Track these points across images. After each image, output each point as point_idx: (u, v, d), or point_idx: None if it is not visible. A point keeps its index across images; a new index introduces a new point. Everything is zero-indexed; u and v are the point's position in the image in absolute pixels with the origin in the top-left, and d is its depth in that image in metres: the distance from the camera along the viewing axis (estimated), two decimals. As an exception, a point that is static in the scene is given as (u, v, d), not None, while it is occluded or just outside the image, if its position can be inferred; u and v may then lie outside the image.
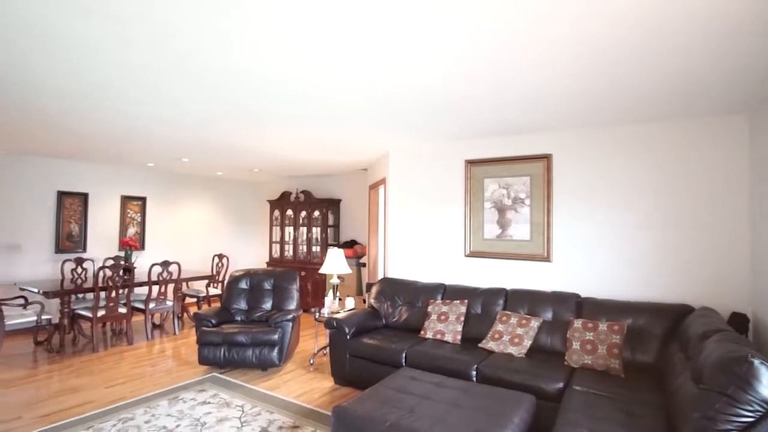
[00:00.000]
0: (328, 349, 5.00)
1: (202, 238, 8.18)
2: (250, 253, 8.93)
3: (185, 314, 6.65)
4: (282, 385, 4.05)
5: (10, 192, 5.79)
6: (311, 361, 4.65)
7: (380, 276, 5.74)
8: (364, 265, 6.57)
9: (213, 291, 6.76)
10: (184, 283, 6.47)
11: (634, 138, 3.68)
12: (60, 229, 6.25)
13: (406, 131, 4.03)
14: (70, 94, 3.00)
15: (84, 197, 6.52)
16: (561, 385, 2.95)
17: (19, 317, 4.86)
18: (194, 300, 6.98)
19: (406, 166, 4.88)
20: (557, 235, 3.98)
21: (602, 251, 3.80)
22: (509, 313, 3.75)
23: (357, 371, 3.89)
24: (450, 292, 4.22)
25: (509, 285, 4.22)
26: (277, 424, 3.24)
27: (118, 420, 3.28)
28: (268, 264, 8.04)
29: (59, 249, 6.25)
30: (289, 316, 4.45)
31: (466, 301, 4.01)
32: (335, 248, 4.94)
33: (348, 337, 3.97)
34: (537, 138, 4.08)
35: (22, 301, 5.29)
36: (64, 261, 6.02)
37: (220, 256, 7.00)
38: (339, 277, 5.02)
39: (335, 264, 4.81)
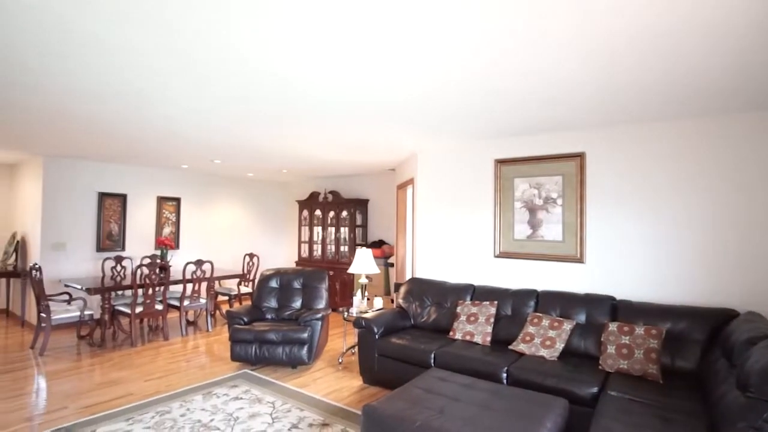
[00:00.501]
0: (356, 348, 5.03)
1: (233, 238, 8.38)
2: (280, 252, 9.08)
3: (218, 312, 6.83)
4: (311, 383, 4.10)
5: (55, 194, 6.09)
6: (340, 360, 4.70)
7: (408, 276, 5.73)
8: (392, 265, 6.58)
9: (244, 289, 6.91)
10: (216, 282, 6.64)
11: (672, 134, 3.55)
12: (101, 228, 6.53)
13: (436, 131, 4.01)
14: (109, 100, 3.13)
15: (123, 198, 6.78)
16: (595, 389, 2.88)
17: (64, 312, 5.11)
18: (226, 298, 7.16)
19: (435, 166, 4.86)
20: (591, 236, 3.88)
21: (639, 252, 3.68)
22: (540, 315, 3.68)
23: (385, 371, 3.90)
24: (479, 293, 4.18)
25: (540, 286, 4.14)
26: (308, 421, 3.28)
27: (155, 413, 3.40)
28: (297, 263, 8.16)
29: (100, 248, 6.52)
30: (319, 315, 4.50)
31: (495, 302, 3.96)
32: (363, 248, 4.96)
33: (377, 336, 3.98)
34: (569, 136, 3.99)
35: (66, 297, 5.55)
36: (105, 259, 6.28)
37: (251, 256, 7.15)
38: (367, 277, 5.05)
39: (364, 264, 4.84)
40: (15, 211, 6.90)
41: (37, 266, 5.01)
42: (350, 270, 4.94)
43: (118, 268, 6.21)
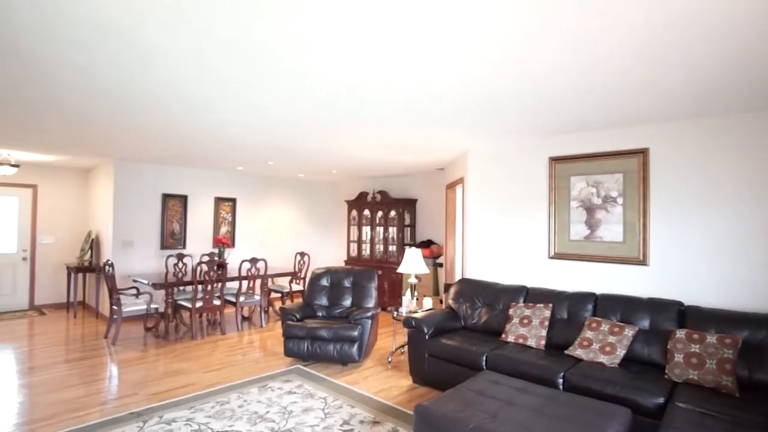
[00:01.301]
0: (405, 347, 5.04)
1: (284, 237, 8.65)
2: (328, 251, 9.26)
3: (270, 308, 7.06)
4: (362, 381, 4.15)
5: (125, 195, 6.54)
6: (389, 359, 4.72)
7: (458, 277, 5.66)
8: (440, 265, 6.52)
9: (295, 287, 7.11)
10: (269, 279, 6.88)
11: (748, 127, 3.27)
12: (164, 227, 6.94)
13: (487, 129, 3.93)
14: (175, 107, 3.32)
15: (184, 199, 7.18)
16: (661, 400, 2.71)
17: (132, 305, 5.48)
18: (278, 295, 7.40)
19: (486, 165, 4.77)
20: (655, 237, 3.66)
21: (710, 255, 3.42)
22: (599, 319, 3.52)
23: (435, 371, 3.88)
24: (533, 295, 4.05)
25: (598, 289, 3.95)
26: (359, 418, 3.32)
27: (215, 403, 3.57)
28: (346, 262, 8.29)
29: (164, 246, 6.93)
30: (369, 314, 4.54)
31: (550, 305, 3.82)
32: (412, 248, 4.95)
33: (427, 336, 3.96)
34: (631, 131, 3.78)
35: (134, 291, 5.95)
36: (168, 256, 6.67)
37: (302, 254, 7.34)
38: (416, 276, 5.04)
39: (413, 264, 4.83)
40: (90, 212, 7.48)
41: (109, 262, 5.41)
42: (399, 270, 4.95)
43: (180, 265, 6.57)
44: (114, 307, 5.36)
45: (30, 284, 7.20)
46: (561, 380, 3.12)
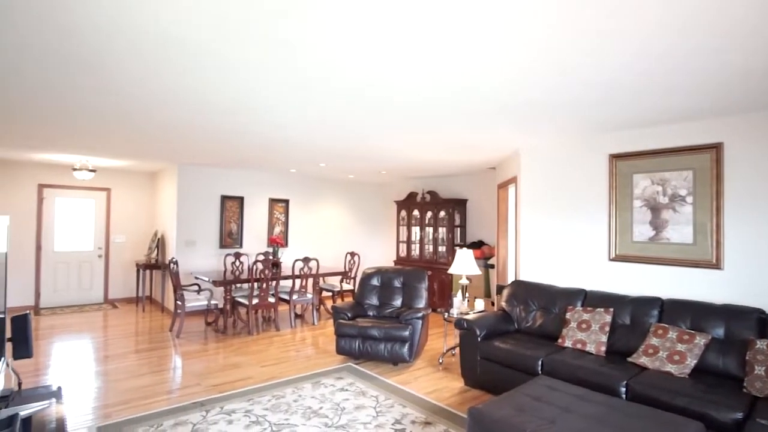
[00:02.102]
0: (457, 349, 4.98)
1: (335, 237, 8.81)
2: (378, 251, 9.33)
3: (322, 306, 7.22)
4: (413, 381, 4.14)
5: (187, 197, 6.93)
6: (440, 360, 4.68)
7: (510, 278, 5.52)
8: (492, 266, 6.39)
9: (346, 286, 7.22)
10: (321, 278, 7.03)
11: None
12: (223, 227, 7.28)
13: (541, 126, 3.81)
14: (234, 113, 3.47)
15: (240, 200, 7.50)
16: (739, 415, 2.50)
17: (194, 301, 5.79)
18: (329, 294, 7.55)
19: (540, 163, 4.61)
20: (730, 238, 3.38)
21: (795, 259, 3.12)
22: (666, 326, 3.30)
23: (488, 374, 3.80)
24: (592, 299, 3.88)
25: (664, 294, 3.71)
26: (410, 418, 3.32)
27: (272, 396, 3.69)
28: (395, 262, 8.31)
29: (222, 245, 7.28)
30: (419, 314, 4.53)
31: (611, 309, 3.64)
32: (463, 249, 4.89)
33: (479, 339, 3.90)
34: (702, 125, 3.52)
35: (196, 288, 6.28)
36: (226, 255, 6.99)
37: (352, 254, 7.45)
38: (467, 278, 4.97)
39: (464, 265, 4.77)
40: (156, 213, 7.99)
41: (174, 260, 5.75)
42: (450, 270, 4.90)
43: (237, 263, 6.86)
44: (178, 302, 5.69)
45: (104, 280, 7.80)
46: (623, 389, 2.96)
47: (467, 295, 4.89)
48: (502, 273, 5.78)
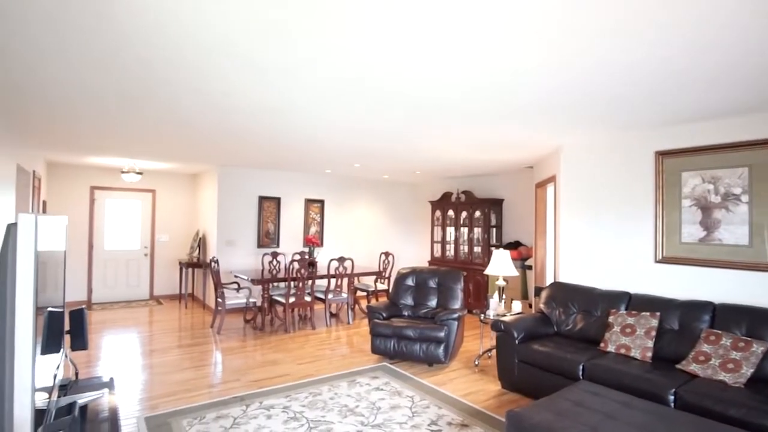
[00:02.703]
0: (493, 351, 4.90)
1: (369, 237, 8.86)
2: (412, 251, 9.31)
3: (356, 306, 7.27)
4: (448, 382, 4.10)
5: (227, 198, 7.15)
6: (476, 362, 4.61)
7: (549, 280, 5.38)
8: (529, 267, 6.24)
9: (380, 286, 7.24)
10: (355, 278, 7.09)
11: None
12: (260, 227, 7.47)
13: (583, 123, 3.69)
14: (267, 113, 3.55)
15: (277, 201, 7.66)
16: (802, 428, 2.33)
17: (234, 299, 5.96)
18: (364, 293, 7.60)
19: (581, 161, 4.47)
20: (791, 240, 3.16)
21: None
22: (719, 332, 3.12)
23: (526, 378, 3.72)
24: (636, 302, 3.72)
25: (716, 298, 3.51)
26: (446, 420, 3.29)
27: (309, 393, 3.75)
28: (429, 263, 8.27)
29: (260, 244, 7.46)
30: (455, 315, 4.49)
31: (657, 313, 3.48)
32: (500, 249, 4.80)
33: (516, 341, 3.82)
34: (759, 118, 3.31)
35: (235, 286, 6.47)
36: (264, 254, 7.15)
37: (386, 254, 7.46)
38: (504, 279, 4.88)
39: (501, 265, 4.68)
40: (198, 213, 8.29)
41: (215, 259, 5.94)
42: (486, 271, 4.83)
43: (274, 262, 7.00)
44: (219, 299, 5.88)
45: (150, 277, 8.15)
46: (672, 397, 2.82)
47: (504, 296, 4.79)
48: (540, 274, 5.64)
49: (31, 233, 1.28)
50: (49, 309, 1.78)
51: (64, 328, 2.32)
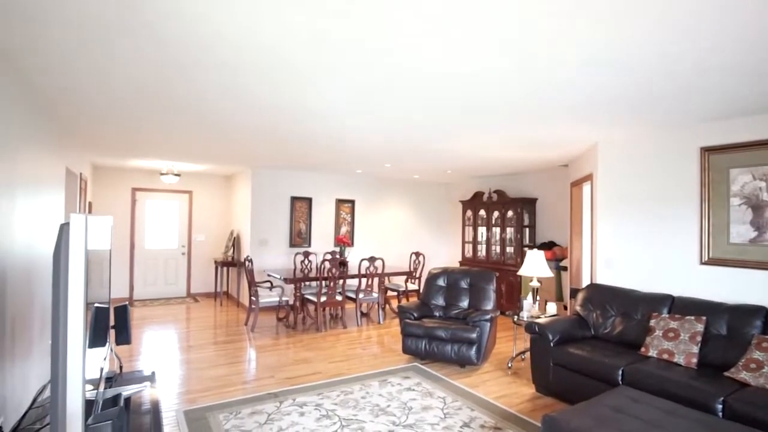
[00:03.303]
0: (527, 354, 4.80)
1: (399, 237, 8.85)
2: (442, 252, 9.24)
3: (387, 306, 7.28)
4: (480, 384, 4.04)
5: (260, 198, 7.30)
6: (509, 365, 4.53)
7: (585, 281, 5.22)
8: (564, 268, 6.08)
9: (411, 286, 7.22)
10: (386, 277, 7.09)
11: None
12: (293, 227, 7.59)
13: (621, 119, 3.56)
14: (299, 114, 3.60)
15: (309, 201, 7.77)
16: None
17: (267, 297, 6.08)
18: (394, 294, 7.59)
19: (619, 159, 4.32)
20: None
21: None
22: (772, 338, 2.95)
23: (561, 382, 3.62)
24: (680, 306, 3.56)
25: (769, 302, 3.32)
26: (479, 422, 3.24)
27: (340, 392, 3.78)
28: (461, 263, 8.18)
29: (292, 244, 7.58)
30: (487, 316, 4.42)
31: (703, 318, 3.31)
32: (534, 250, 4.70)
33: (552, 344, 3.72)
34: (816, 112, 3.10)
35: (269, 284, 6.59)
36: (296, 254, 7.28)
37: (417, 254, 7.43)
38: (538, 280, 4.77)
39: (535, 266, 4.58)
40: (232, 214, 8.50)
41: (249, 258, 6.08)
42: (520, 272, 4.74)
43: (306, 262, 7.11)
44: (252, 298, 6.01)
45: (187, 275, 8.42)
46: (720, 406, 2.68)
47: (538, 298, 4.69)
48: (576, 275, 5.48)
49: (82, 232, 1.34)
50: (96, 305, 1.87)
51: (109, 324, 2.43)
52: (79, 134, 4.55)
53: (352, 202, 8.26)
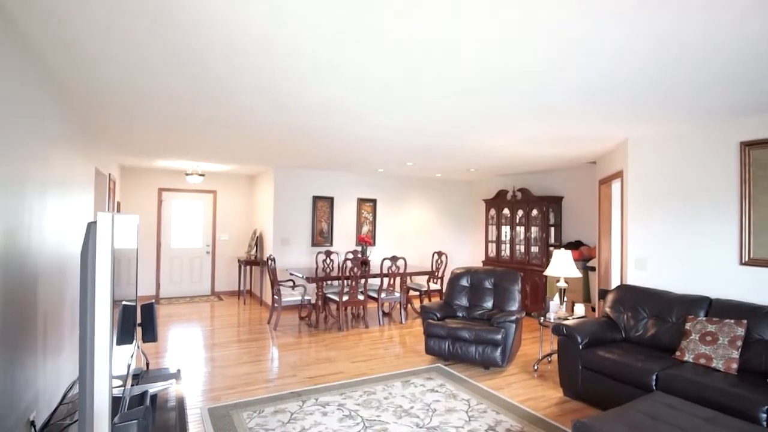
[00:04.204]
0: (553, 356, 4.67)
1: (421, 236, 8.78)
2: (465, 251, 9.13)
3: (409, 305, 7.23)
4: (505, 387, 3.96)
5: (283, 198, 7.35)
6: (535, 367, 4.42)
7: (614, 282, 5.06)
8: (592, 269, 5.91)
9: (433, 286, 7.15)
10: (408, 277, 7.04)
11: None
12: (314, 227, 7.61)
13: (652, 113, 3.42)
14: (328, 115, 3.58)
15: (330, 200, 7.78)
16: None
17: (289, 296, 6.11)
18: (416, 293, 7.54)
19: (651, 155, 4.16)
20: None
21: None
22: (820, 343, 2.78)
23: (591, 386, 3.50)
24: (718, 308, 3.39)
25: (816, 306, 3.13)
26: (505, 426, 3.16)
27: (363, 392, 3.75)
28: (484, 263, 8.06)
29: (314, 243, 7.61)
30: (513, 318, 4.32)
31: (744, 321, 3.15)
32: (561, 249, 4.58)
33: (580, 347, 3.61)
34: None
35: (291, 283, 6.63)
36: (317, 253, 7.29)
37: (439, 254, 7.35)
38: (565, 280, 4.63)
39: (562, 266, 4.46)
40: (255, 213, 8.59)
41: (272, 257, 6.11)
42: (546, 272, 4.62)
43: (328, 261, 7.12)
44: (275, 296, 6.04)
45: (211, 274, 8.55)
46: (764, 415, 2.54)
47: (565, 298, 4.56)
48: (605, 276, 5.32)
49: (109, 231, 1.33)
50: (123, 303, 1.88)
51: (136, 321, 2.45)
52: (108, 136, 4.66)
53: (374, 201, 8.24)
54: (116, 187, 6.60)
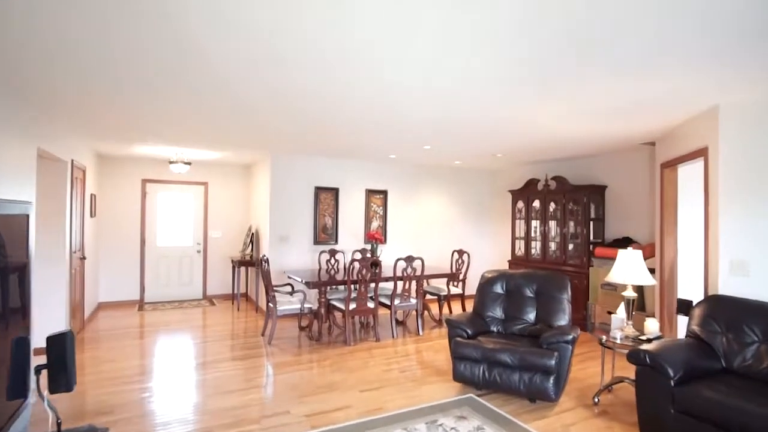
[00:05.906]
0: (617, 385, 3.71)
1: (438, 232, 7.81)
2: (487, 249, 8.16)
3: (426, 312, 6.29)
4: (561, 429, 3.02)
5: (280, 188, 6.42)
6: (595, 400, 3.47)
7: (684, 289, 4.10)
8: (650, 271, 4.92)
9: (453, 290, 6.20)
10: (425, 280, 6.11)
11: None
12: (317, 222, 6.68)
13: (757, 67, 2.43)
14: (324, 96, 2.65)
15: (335, 192, 6.84)
16: None
17: (287, 303, 5.20)
18: (434, 298, 6.58)
19: (753, 127, 3.17)
20: None
21: None
22: None
23: (690, 438, 2.55)
24: None
25: None
26: (581, 504, 2.22)
27: (377, 442, 2.83)
28: (510, 263, 7.06)
29: (316, 240, 6.68)
30: (568, 337, 3.36)
31: None
32: (629, 249, 3.62)
33: (672, 382, 2.65)
34: None
35: (289, 288, 5.72)
36: (321, 252, 6.37)
37: (460, 253, 6.39)
38: (633, 288, 3.66)
39: (630, 270, 3.50)
40: (251, 207, 7.68)
41: (265, 258, 5.20)
42: (608, 278, 3.66)
43: (332, 261, 6.19)
44: (270, 304, 5.14)
45: (203, 275, 7.67)
46: None
47: (633, 312, 3.60)
48: (669, 281, 4.35)
49: None
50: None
51: (28, 364, 1.56)
52: (60, 109, 3.73)
53: (385, 192, 7.28)
54: (87, 177, 5.71)
